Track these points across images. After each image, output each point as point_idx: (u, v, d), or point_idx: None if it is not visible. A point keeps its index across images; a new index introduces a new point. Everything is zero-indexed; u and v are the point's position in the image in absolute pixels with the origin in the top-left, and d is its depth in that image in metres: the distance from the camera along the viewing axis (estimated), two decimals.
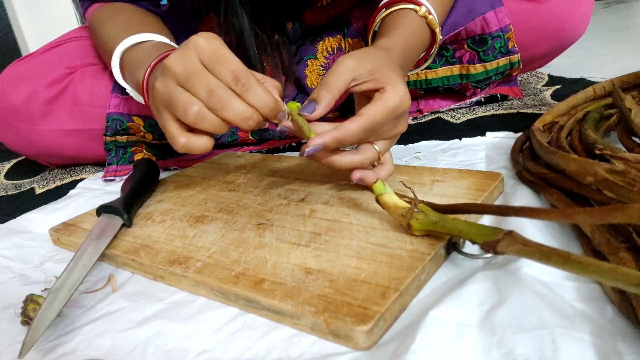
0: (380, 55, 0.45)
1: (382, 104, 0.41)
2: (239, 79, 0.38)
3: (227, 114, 0.38)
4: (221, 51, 0.39)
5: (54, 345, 0.34)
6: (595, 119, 0.51)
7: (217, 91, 0.38)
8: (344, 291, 0.31)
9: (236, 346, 0.31)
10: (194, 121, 0.39)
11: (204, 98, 0.38)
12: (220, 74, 0.38)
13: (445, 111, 0.78)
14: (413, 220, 0.35)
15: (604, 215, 0.24)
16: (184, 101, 0.38)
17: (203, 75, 0.38)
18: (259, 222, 0.44)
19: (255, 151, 0.73)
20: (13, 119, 0.71)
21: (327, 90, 0.41)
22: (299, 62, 0.74)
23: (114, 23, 0.62)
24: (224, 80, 0.38)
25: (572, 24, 0.71)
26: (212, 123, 0.39)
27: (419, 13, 0.54)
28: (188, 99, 0.39)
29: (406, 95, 0.43)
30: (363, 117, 0.41)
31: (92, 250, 0.42)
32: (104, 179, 0.71)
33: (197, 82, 0.38)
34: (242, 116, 0.38)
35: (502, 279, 0.32)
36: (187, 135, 0.41)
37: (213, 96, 0.38)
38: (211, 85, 0.38)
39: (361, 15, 0.74)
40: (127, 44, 0.56)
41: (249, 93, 0.38)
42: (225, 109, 0.38)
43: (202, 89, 0.38)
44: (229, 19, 0.60)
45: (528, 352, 0.26)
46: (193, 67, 0.38)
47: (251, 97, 0.39)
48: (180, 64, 0.39)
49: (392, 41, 0.50)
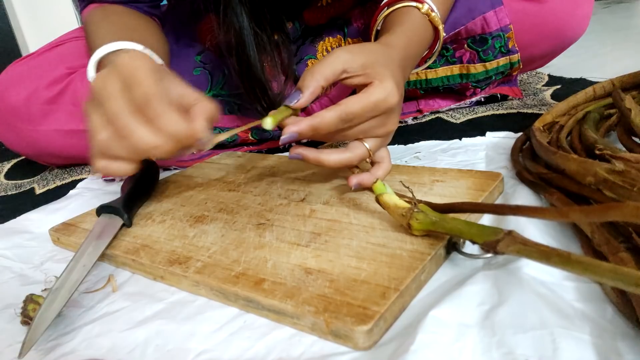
0: (377, 51, 0.45)
1: (363, 96, 0.41)
2: (149, 103, 0.36)
3: (133, 141, 0.36)
4: (137, 73, 0.36)
5: (54, 345, 0.34)
6: (595, 119, 0.51)
7: (121, 117, 0.36)
8: (344, 291, 0.31)
9: (236, 346, 0.31)
10: (101, 148, 0.37)
11: (110, 122, 0.36)
12: (132, 97, 0.36)
13: (445, 111, 0.78)
14: (413, 220, 0.35)
15: (600, 214, 0.24)
16: (94, 125, 0.37)
17: (113, 99, 0.36)
18: (259, 222, 0.44)
19: (255, 151, 0.73)
20: (13, 119, 0.71)
21: (312, 77, 0.41)
22: (299, 62, 0.74)
23: (100, 27, 0.61)
24: (136, 104, 0.36)
25: (572, 24, 0.71)
26: (121, 150, 0.37)
27: (421, 10, 0.54)
28: (97, 123, 0.37)
29: (393, 91, 0.42)
30: (341, 106, 0.40)
31: (92, 250, 0.42)
32: (104, 179, 0.71)
33: (107, 105, 0.36)
34: (149, 144, 0.36)
35: (502, 279, 0.32)
36: (104, 160, 0.39)
37: (118, 122, 0.36)
38: (117, 110, 0.36)
39: (361, 15, 0.74)
40: (103, 51, 0.53)
41: (157, 119, 0.36)
42: (129, 137, 0.36)
43: (109, 113, 0.36)
44: (228, 18, 0.60)
45: (528, 352, 0.26)
46: (108, 89, 0.37)
47: (160, 123, 0.36)
48: (98, 85, 0.37)
49: (394, 38, 0.50)
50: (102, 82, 0.37)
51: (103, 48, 0.53)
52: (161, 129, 0.36)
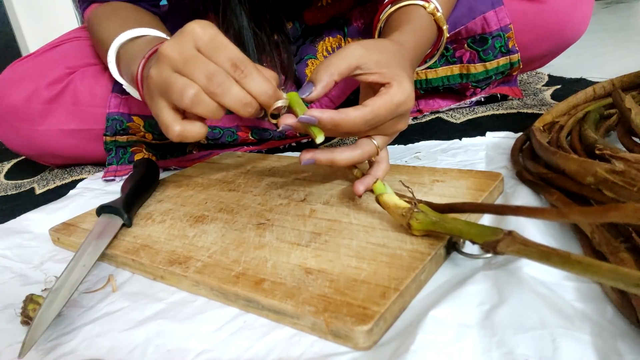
0: (391, 49, 0.44)
1: (388, 98, 0.40)
2: (238, 66, 0.38)
3: (226, 99, 0.38)
4: (219, 38, 0.38)
5: (54, 345, 0.34)
6: (595, 119, 0.51)
7: (217, 76, 0.37)
8: (344, 291, 0.31)
9: (236, 346, 0.31)
10: (190, 105, 0.38)
11: (203, 83, 0.37)
12: (218, 60, 0.38)
13: (445, 111, 0.78)
14: (413, 220, 0.35)
15: (600, 215, 0.24)
16: (181, 85, 0.38)
17: (201, 61, 0.38)
18: (259, 222, 0.44)
19: (255, 151, 0.73)
20: (13, 119, 0.71)
21: (326, 71, 0.40)
22: (299, 62, 0.74)
23: (110, 21, 0.62)
24: (223, 67, 0.38)
25: (572, 24, 0.71)
26: (209, 108, 0.38)
27: (427, 9, 0.53)
28: (185, 82, 0.38)
29: (412, 94, 0.42)
30: (367, 108, 0.40)
31: (92, 250, 0.42)
32: (104, 179, 0.71)
33: (196, 67, 0.38)
34: (241, 102, 0.38)
35: (502, 279, 0.32)
36: (181, 123, 0.40)
37: (213, 81, 0.37)
38: (211, 70, 0.37)
39: (361, 14, 0.74)
40: (122, 39, 0.55)
41: (247, 80, 0.38)
42: (225, 95, 0.37)
43: (201, 74, 0.37)
44: (227, 18, 0.60)
45: (528, 352, 0.26)
46: (190, 53, 0.38)
47: (250, 84, 0.38)
48: (176, 51, 0.38)
49: (405, 36, 0.49)
50: (177, 47, 0.38)
51: (125, 34, 0.54)
52: (251, 89, 0.38)
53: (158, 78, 0.39)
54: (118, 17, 0.62)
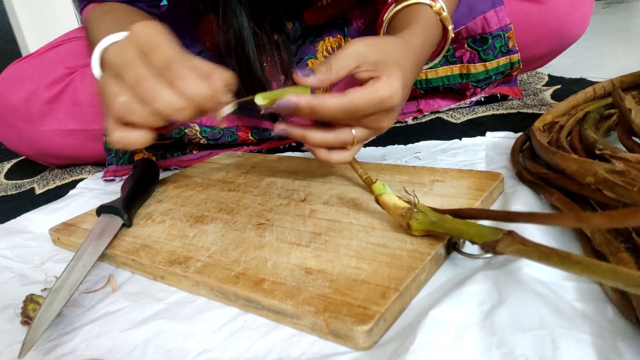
0: (394, 46, 0.44)
1: (371, 91, 0.40)
2: (170, 67, 0.36)
3: (157, 104, 0.36)
4: (154, 38, 0.36)
5: (54, 345, 0.34)
6: (595, 119, 0.51)
7: (145, 81, 0.36)
8: (344, 291, 0.31)
9: (236, 346, 0.31)
10: (120, 113, 0.37)
11: (132, 88, 0.36)
12: (153, 61, 0.36)
13: (445, 111, 0.78)
14: (412, 220, 0.35)
15: (621, 219, 0.23)
16: (112, 93, 0.37)
17: (133, 65, 0.36)
18: (259, 222, 0.44)
19: (255, 151, 0.73)
20: (13, 119, 0.71)
21: (327, 68, 0.40)
22: (299, 62, 0.74)
23: (102, 23, 0.61)
24: (156, 68, 0.36)
25: (572, 24, 0.71)
26: (142, 115, 0.37)
27: (434, 8, 0.53)
28: (115, 90, 0.37)
29: (398, 91, 0.41)
30: (346, 97, 0.39)
31: (92, 250, 0.42)
32: (104, 179, 0.71)
33: (126, 72, 0.36)
34: (173, 106, 0.36)
35: (502, 279, 0.32)
36: (120, 129, 0.38)
37: (141, 86, 0.36)
38: (139, 75, 0.36)
39: (361, 14, 0.74)
40: (107, 41, 0.54)
41: (180, 81, 0.36)
42: (155, 100, 0.36)
43: (130, 79, 0.36)
44: (227, 18, 0.60)
45: (528, 352, 0.26)
46: (127, 58, 0.36)
47: (183, 86, 0.36)
48: (117, 55, 0.37)
49: (414, 35, 0.49)
50: (119, 51, 0.37)
51: (108, 38, 0.53)
52: (184, 91, 0.36)
53: (101, 84, 0.39)
54: (111, 19, 0.62)
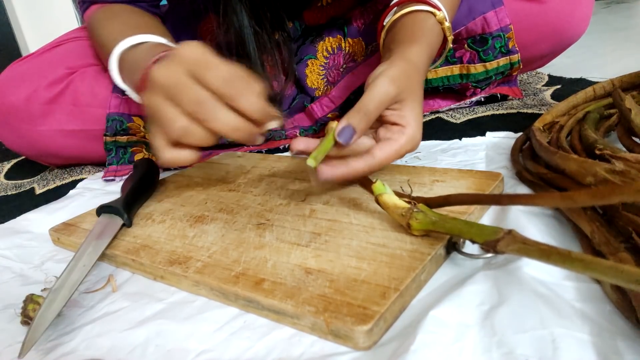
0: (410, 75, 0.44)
1: (396, 149, 0.42)
2: (229, 85, 0.37)
3: (215, 125, 0.37)
4: (206, 58, 0.38)
5: (54, 345, 0.34)
6: (595, 119, 0.51)
7: (204, 103, 0.37)
8: (344, 291, 0.31)
9: (236, 346, 0.31)
10: (178, 137, 0.38)
11: (191, 111, 0.37)
12: (208, 82, 0.37)
13: (445, 111, 0.78)
14: (412, 220, 0.35)
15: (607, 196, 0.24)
16: (170, 117, 0.38)
17: (187, 87, 0.37)
18: (259, 222, 0.44)
19: (255, 151, 0.73)
20: (13, 119, 0.71)
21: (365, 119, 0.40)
22: (299, 62, 0.74)
23: (112, 25, 0.62)
24: (213, 88, 0.37)
25: (572, 24, 0.71)
26: (199, 136, 0.38)
27: (437, 17, 0.53)
28: (173, 115, 0.38)
29: (419, 139, 0.43)
30: (375, 160, 0.41)
31: (92, 250, 0.42)
32: (104, 179, 0.71)
33: (183, 94, 0.37)
34: (230, 127, 0.38)
35: (502, 279, 0.32)
36: (171, 151, 0.40)
37: (201, 108, 0.37)
38: (197, 97, 0.37)
39: (361, 14, 0.74)
40: (124, 45, 0.56)
41: (239, 100, 0.37)
42: (214, 121, 0.37)
43: (188, 101, 0.37)
44: (228, 16, 0.60)
45: (528, 352, 0.26)
46: (178, 79, 0.37)
47: (242, 104, 0.38)
48: (165, 76, 0.38)
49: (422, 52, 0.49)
50: (167, 73, 0.38)
51: (126, 41, 0.55)
52: (243, 110, 0.37)
53: (150, 106, 0.39)
54: (119, 21, 0.62)
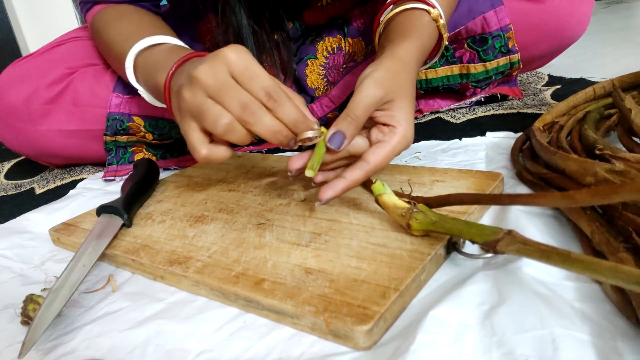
0: (398, 73, 0.45)
1: (390, 150, 0.42)
2: (271, 95, 0.39)
3: (258, 127, 0.39)
4: (253, 67, 0.40)
5: (54, 345, 0.34)
6: (595, 119, 0.51)
7: (250, 106, 0.39)
8: (344, 291, 0.31)
9: (236, 346, 0.31)
10: (223, 133, 0.40)
11: (237, 112, 0.39)
12: (252, 88, 0.39)
13: (445, 111, 0.78)
14: (412, 220, 0.35)
15: (606, 195, 0.24)
16: (215, 113, 0.39)
17: (235, 89, 0.39)
18: (259, 222, 0.44)
19: (255, 151, 0.73)
20: (13, 119, 0.71)
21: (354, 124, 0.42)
22: (299, 62, 0.74)
23: (121, 25, 0.62)
24: (256, 95, 0.39)
25: (572, 24, 0.71)
26: (240, 135, 0.40)
27: (431, 15, 0.53)
28: (219, 111, 0.39)
29: (412, 137, 0.44)
30: (370, 165, 0.42)
31: (92, 250, 0.42)
32: (104, 179, 0.71)
33: (230, 95, 0.39)
34: (271, 131, 0.40)
35: (502, 279, 0.32)
36: (208, 146, 0.42)
37: (247, 110, 0.39)
38: (245, 100, 0.39)
39: (361, 14, 0.74)
40: (142, 45, 0.55)
41: (280, 108, 0.40)
42: (257, 124, 0.39)
43: (235, 103, 0.39)
44: (226, 16, 0.60)
45: (528, 352, 0.26)
46: (224, 81, 0.39)
47: (282, 113, 0.40)
48: (211, 76, 0.39)
49: (411, 47, 0.49)
50: (214, 72, 0.39)
51: (144, 41, 0.55)
52: (281, 118, 0.40)
53: (192, 101, 0.41)
54: (129, 21, 0.62)
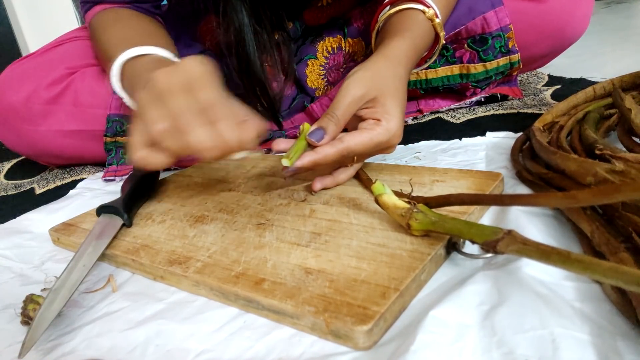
0: (386, 71, 0.46)
1: (367, 137, 0.43)
2: (212, 108, 0.38)
3: (189, 138, 0.38)
4: (204, 79, 0.39)
5: (54, 345, 0.34)
6: (595, 119, 0.51)
7: (186, 114, 0.38)
8: (344, 291, 0.31)
9: (236, 346, 0.31)
10: (157, 137, 0.38)
11: (172, 118, 0.38)
12: (195, 99, 0.38)
13: (445, 111, 0.78)
14: (412, 220, 0.35)
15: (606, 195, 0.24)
16: (154, 116, 0.38)
17: (178, 95, 0.38)
18: (259, 222, 0.44)
19: None
20: (13, 119, 0.71)
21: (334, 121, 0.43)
22: (299, 62, 0.74)
23: (116, 30, 0.62)
24: (199, 105, 0.38)
25: (572, 24, 0.71)
26: (174, 144, 0.38)
27: (426, 15, 0.53)
28: (158, 114, 0.38)
29: (398, 132, 0.44)
30: (343, 144, 0.42)
31: (92, 250, 0.42)
32: (104, 179, 0.71)
33: (171, 100, 0.38)
34: (202, 145, 0.38)
35: (502, 279, 0.32)
36: (145, 149, 0.40)
37: (181, 118, 0.38)
38: (182, 108, 0.38)
39: (361, 15, 0.74)
40: (128, 55, 0.55)
41: (218, 124, 0.38)
42: (188, 134, 0.38)
43: (173, 108, 0.38)
44: (227, 16, 0.60)
45: (528, 352, 0.26)
46: (175, 86, 0.38)
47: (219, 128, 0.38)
48: (165, 80, 0.39)
49: (405, 44, 0.50)
50: (168, 79, 0.39)
51: (131, 51, 0.55)
52: (219, 133, 0.38)
53: (141, 101, 0.40)
54: (123, 27, 0.62)
